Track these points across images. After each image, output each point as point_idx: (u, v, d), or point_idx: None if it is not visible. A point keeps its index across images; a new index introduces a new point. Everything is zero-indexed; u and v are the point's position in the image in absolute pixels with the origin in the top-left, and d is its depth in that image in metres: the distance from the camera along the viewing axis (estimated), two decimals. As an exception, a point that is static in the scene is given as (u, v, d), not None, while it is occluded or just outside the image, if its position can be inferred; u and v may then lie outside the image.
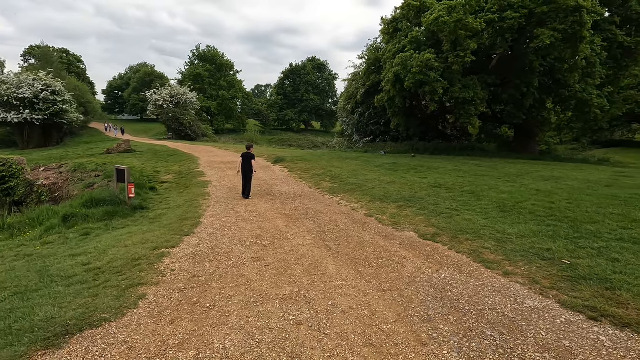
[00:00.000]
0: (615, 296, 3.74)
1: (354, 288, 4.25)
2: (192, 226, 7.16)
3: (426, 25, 17.73)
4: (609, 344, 3.03)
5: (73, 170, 18.80)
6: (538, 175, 11.81)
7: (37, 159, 23.64)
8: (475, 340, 3.12)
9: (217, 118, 63.91)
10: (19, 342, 3.20)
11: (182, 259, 5.33)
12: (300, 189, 11.44)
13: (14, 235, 8.44)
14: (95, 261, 5.50)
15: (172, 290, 4.26)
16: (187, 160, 19.32)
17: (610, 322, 3.35)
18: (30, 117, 31.97)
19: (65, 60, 63.88)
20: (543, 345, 3.02)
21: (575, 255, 4.81)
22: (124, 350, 3.05)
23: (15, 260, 6.25)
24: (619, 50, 21.97)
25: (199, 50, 67.06)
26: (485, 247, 5.42)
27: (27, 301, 4.17)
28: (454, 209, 7.56)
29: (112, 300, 3.99)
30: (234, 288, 4.30)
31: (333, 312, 3.67)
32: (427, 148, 21.76)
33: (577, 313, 3.54)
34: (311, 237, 6.37)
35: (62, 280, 4.82)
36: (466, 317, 3.52)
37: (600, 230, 5.67)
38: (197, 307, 3.83)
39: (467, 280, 4.38)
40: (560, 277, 4.26)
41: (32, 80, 32.66)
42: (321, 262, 5.14)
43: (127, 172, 9.83)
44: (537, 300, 3.82)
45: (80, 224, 8.41)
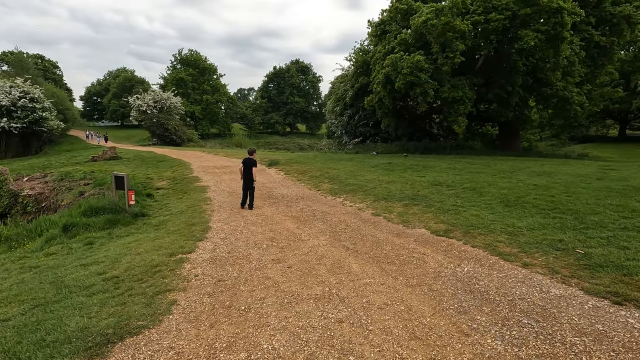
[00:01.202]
0: (633, 281, 3.95)
1: (383, 285, 4.33)
2: (203, 231, 7.09)
3: (414, 27, 18.09)
4: (637, 324, 3.21)
5: (59, 179, 18.22)
6: (530, 171, 12.22)
7: (18, 169, 22.81)
8: (515, 328, 3.25)
9: (202, 122, 63.12)
10: (59, 354, 3.13)
11: (202, 264, 5.30)
12: (300, 191, 11.47)
13: (12, 247, 8.15)
14: (110, 270, 5.39)
15: (201, 295, 4.24)
16: (179, 165, 19.02)
17: (634, 305, 3.55)
18: (8, 125, 30.84)
19: (40, 67, 61.87)
20: (579, 330, 3.17)
21: (587, 244, 5.04)
22: (172, 355, 3.03)
23: (21, 272, 6.05)
24: (595, 49, 22.94)
25: (181, 55, 66.17)
26: (499, 240, 5.61)
27: (51, 313, 4.07)
28: (459, 206, 7.76)
29: (142, 308, 3.94)
30: (263, 290, 4.31)
31: (370, 308, 3.73)
32: (418, 148, 22.13)
33: (601, 299, 3.72)
34: (325, 238, 6.43)
35: (81, 290, 4.71)
36: (499, 307, 3.65)
37: (603, 221, 5.95)
38: (232, 310, 3.83)
39: (490, 272, 4.53)
40: (578, 266, 4.46)
41: (9, 88, 31.51)
42: (343, 261, 5.20)
43: (126, 179, 9.64)
44: (561, 288, 4.00)
45: (82, 234, 8.20)
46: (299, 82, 77.18)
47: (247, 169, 9.15)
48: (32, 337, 3.47)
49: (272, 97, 75.54)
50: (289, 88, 75.23)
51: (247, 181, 9.19)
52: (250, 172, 9.10)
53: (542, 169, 12.75)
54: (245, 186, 9.24)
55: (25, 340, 3.40)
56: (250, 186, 9.13)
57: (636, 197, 7.23)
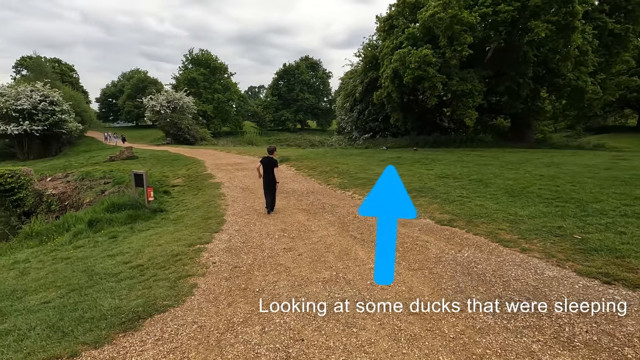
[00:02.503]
0: (625, 263, 4.16)
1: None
2: (218, 224, 7.51)
3: (422, 21, 18.15)
4: (624, 302, 3.44)
5: (80, 178, 19.03)
6: (539, 162, 12.27)
7: (41, 170, 23.83)
8: (506, 304, 3.52)
9: (214, 121, 64.08)
10: (97, 327, 3.55)
11: (219, 252, 5.69)
12: (311, 186, 11.81)
13: (42, 241, 8.74)
14: (135, 259, 5.84)
15: (219, 279, 4.63)
16: (193, 163, 19.60)
17: (623, 284, 3.77)
18: (30, 128, 32.08)
19: (57, 70, 63.68)
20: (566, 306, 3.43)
21: (585, 230, 5.23)
22: (195, 328, 3.42)
23: (54, 263, 6.56)
24: (610, 37, 22.51)
25: (192, 54, 67.15)
26: (501, 228, 5.83)
27: (86, 296, 4.52)
28: (464, 197, 7.98)
29: (167, 290, 4.35)
30: (275, 275, 4.67)
31: (373, 289, 4.05)
32: (427, 141, 22.21)
33: (592, 279, 3.95)
34: (334, 228, 6.75)
35: (111, 277, 5.16)
36: (494, 287, 3.92)
37: (605, 208, 6.11)
38: (247, 291, 4.20)
39: (489, 257, 4.79)
40: (574, 250, 4.68)
41: (30, 92, 32.73)
42: (350, 249, 5.52)
43: (145, 176, 10.14)
44: (555, 270, 4.24)
45: (106, 228, 8.72)
46: (308, 78, 77.39)
47: (268, 170, 8.19)
48: (71, 315, 3.91)
49: (283, 94, 76.00)
50: (299, 85, 75.55)
51: (268, 183, 8.22)
52: (272, 173, 8.16)
53: (551, 160, 12.78)
54: (267, 189, 8.29)
55: (67, 318, 3.84)
56: (273, 187, 8.30)
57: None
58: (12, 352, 3.24)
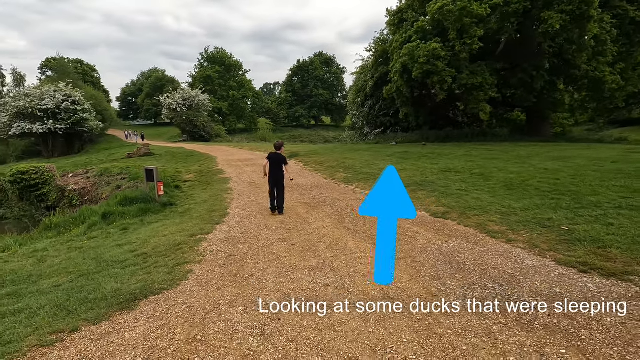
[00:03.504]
0: (605, 253, 4.21)
1: (372, 258, 4.81)
2: (221, 216, 7.84)
3: (431, 14, 18.00)
4: (594, 289, 3.53)
5: (99, 174, 19.87)
6: (548, 156, 12.10)
7: (64, 166, 24.94)
8: (478, 290, 3.66)
9: (229, 118, 65.03)
10: (97, 306, 3.89)
11: (217, 242, 6.00)
12: (316, 181, 12.03)
13: (60, 232, 9.31)
14: (140, 248, 6.22)
15: (214, 266, 4.92)
16: (205, 160, 20.14)
17: (599, 273, 3.83)
18: (54, 126, 33.52)
19: (80, 71, 65.97)
20: (536, 292, 3.54)
21: (574, 222, 5.26)
22: (184, 308, 3.71)
23: (69, 252, 7.04)
24: (631, 26, 21.68)
25: (208, 53, 68.22)
26: (491, 220, 5.91)
27: (93, 280, 4.89)
28: (463, 190, 8.03)
29: (164, 275, 4.67)
30: (266, 263, 4.93)
31: (355, 276, 4.25)
32: (438, 136, 22.05)
33: (569, 268, 4.03)
34: (331, 221, 6.96)
35: (117, 264, 5.54)
36: (471, 275, 4.05)
37: (600, 201, 6.08)
38: (237, 277, 4.47)
39: (473, 247, 4.90)
40: (558, 241, 4.74)
41: (54, 92, 34.16)
42: (341, 239, 5.72)
43: (155, 171, 10.60)
44: (535, 260, 4.32)
45: (119, 221, 9.21)
46: (322, 74, 77.39)
47: (275, 167, 7.60)
48: (77, 296, 4.28)
49: (297, 91, 76.30)
50: (313, 81, 75.66)
51: (276, 181, 7.62)
52: (279, 170, 7.61)
53: (561, 153, 12.56)
54: (273, 187, 7.69)
55: (73, 298, 4.20)
56: (281, 187, 7.71)
57: (643, 178, 7.21)
58: (23, 327, 3.61)
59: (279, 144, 7.97)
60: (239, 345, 2.99)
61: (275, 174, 7.58)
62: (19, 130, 33.23)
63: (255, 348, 2.93)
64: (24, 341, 3.31)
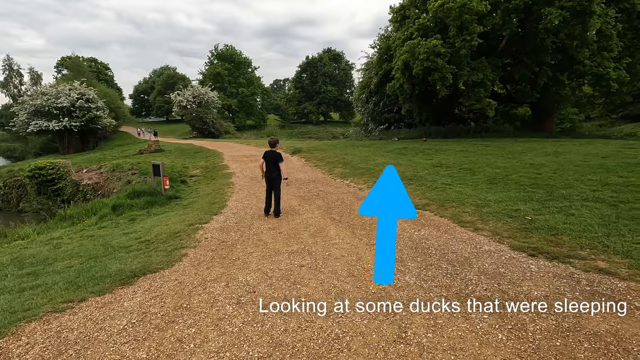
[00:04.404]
0: (556, 239, 4.62)
1: (348, 244, 5.31)
2: (220, 208, 8.42)
3: (432, 11, 18.22)
4: (535, 269, 3.96)
5: (112, 170, 20.76)
6: (541, 152, 12.33)
7: (78, 162, 26.00)
8: (432, 270, 4.12)
9: (238, 115, 65.91)
10: (102, 282, 4.50)
11: (212, 230, 6.58)
12: (314, 175, 12.53)
13: (74, 223, 10.05)
14: (144, 236, 6.84)
15: (206, 250, 5.49)
16: (212, 155, 20.82)
17: (544, 256, 4.26)
18: (69, 124, 34.75)
19: (94, 69, 67.65)
20: (482, 271, 3.99)
21: (539, 212, 5.65)
22: (175, 283, 4.28)
23: (81, 239, 7.72)
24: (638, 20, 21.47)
25: (217, 50, 69.08)
26: (465, 211, 6.33)
27: (100, 262, 5.52)
28: (448, 184, 8.43)
29: (162, 258, 5.26)
30: (253, 247, 5.47)
31: (328, 258, 4.76)
32: (440, 132, 22.27)
33: (521, 252, 4.45)
34: (319, 212, 7.46)
35: (122, 249, 6.17)
36: (430, 258, 4.51)
37: (570, 194, 6.44)
38: (225, 259, 5.03)
39: (442, 235, 5.35)
40: (519, 229, 5.15)
41: (69, 90, 35.37)
42: (325, 228, 6.23)
43: (161, 166, 11.25)
44: (492, 245, 4.76)
45: (127, 212, 9.89)
46: (331, 70, 77.53)
47: (271, 166, 7.11)
48: (86, 274, 4.89)
49: (305, 87, 76.68)
50: (321, 77, 75.90)
51: (271, 181, 7.13)
52: (275, 169, 7.06)
53: (555, 149, 12.77)
54: (269, 187, 7.26)
55: (82, 276, 4.82)
56: (277, 186, 7.16)
57: (620, 173, 7.50)
58: (39, 299, 4.23)
59: (274, 141, 7.34)
60: (216, 311, 3.53)
61: (271, 173, 7.07)
62: (37, 127, 34.59)
63: (229, 313, 3.47)
64: (41, 308, 3.92)
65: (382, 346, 2.81)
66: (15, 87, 52.34)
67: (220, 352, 2.88)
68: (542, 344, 2.71)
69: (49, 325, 3.53)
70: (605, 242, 4.37)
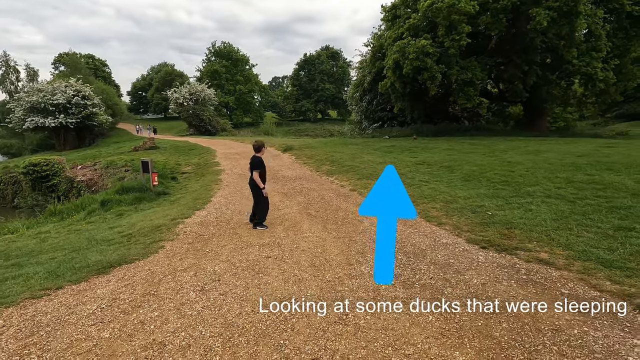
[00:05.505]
0: (509, 233, 4.89)
1: (317, 237, 5.59)
2: (204, 203, 8.69)
3: (422, 11, 18.42)
4: (482, 260, 4.24)
5: (106, 167, 21.01)
6: (523, 150, 12.60)
7: (74, 159, 26.22)
8: (387, 261, 4.39)
9: (236, 112, 66.04)
10: (80, 272, 4.77)
11: (192, 225, 6.84)
12: (301, 172, 12.79)
13: (63, 218, 10.30)
14: (127, 230, 7.10)
15: (183, 243, 5.76)
16: (206, 153, 21.05)
17: (495, 249, 4.53)
18: (65, 121, 34.92)
19: (91, 66, 67.59)
20: (433, 262, 4.27)
21: (501, 208, 5.93)
22: (147, 273, 4.55)
23: (68, 234, 7.98)
24: (628, 20, 21.69)
25: (215, 47, 69.09)
26: (434, 207, 6.60)
27: (82, 254, 5.78)
28: (424, 181, 8.70)
29: (140, 250, 5.53)
30: (227, 241, 5.74)
31: (295, 250, 5.03)
32: (431, 130, 22.51)
33: (474, 245, 4.73)
34: (298, 207, 7.73)
35: (105, 242, 6.43)
36: (390, 250, 4.78)
37: (535, 191, 6.71)
38: (199, 252, 5.30)
39: (406, 229, 5.62)
40: (478, 224, 5.42)
41: (64, 87, 35.52)
42: (299, 222, 6.50)
43: (150, 163, 11.50)
44: (450, 238, 5.03)
45: (115, 208, 10.16)
46: (329, 68, 77.61)
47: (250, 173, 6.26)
48: (66, 265, 5.16)
49: (303, 85, 76.77)
50: (319, 75, 75.98)
51: (251, 188, 6.35)
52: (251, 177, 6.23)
53: (537, 147, 13.04)
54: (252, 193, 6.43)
55: (62, 266, 5.08)
56: (254, 194, 6.35)
57: (588, 171, 7.78)
58: (19, 287, 4.49)
59: (258, 145, 6.26)
60: (180, 297, 3.81)
61: (250, 180, 6.29)
62: (33, 124, 34.75)
63: (192, 299, 3.74)
64: (19, 295, 4.18)
65: (323, 326, 3.09)
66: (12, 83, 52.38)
67: (176, 332, 3.15)
68: (465, 324, 2.99)
69: (25, 310, 3.80)
70: (552, 235, 4.65)
